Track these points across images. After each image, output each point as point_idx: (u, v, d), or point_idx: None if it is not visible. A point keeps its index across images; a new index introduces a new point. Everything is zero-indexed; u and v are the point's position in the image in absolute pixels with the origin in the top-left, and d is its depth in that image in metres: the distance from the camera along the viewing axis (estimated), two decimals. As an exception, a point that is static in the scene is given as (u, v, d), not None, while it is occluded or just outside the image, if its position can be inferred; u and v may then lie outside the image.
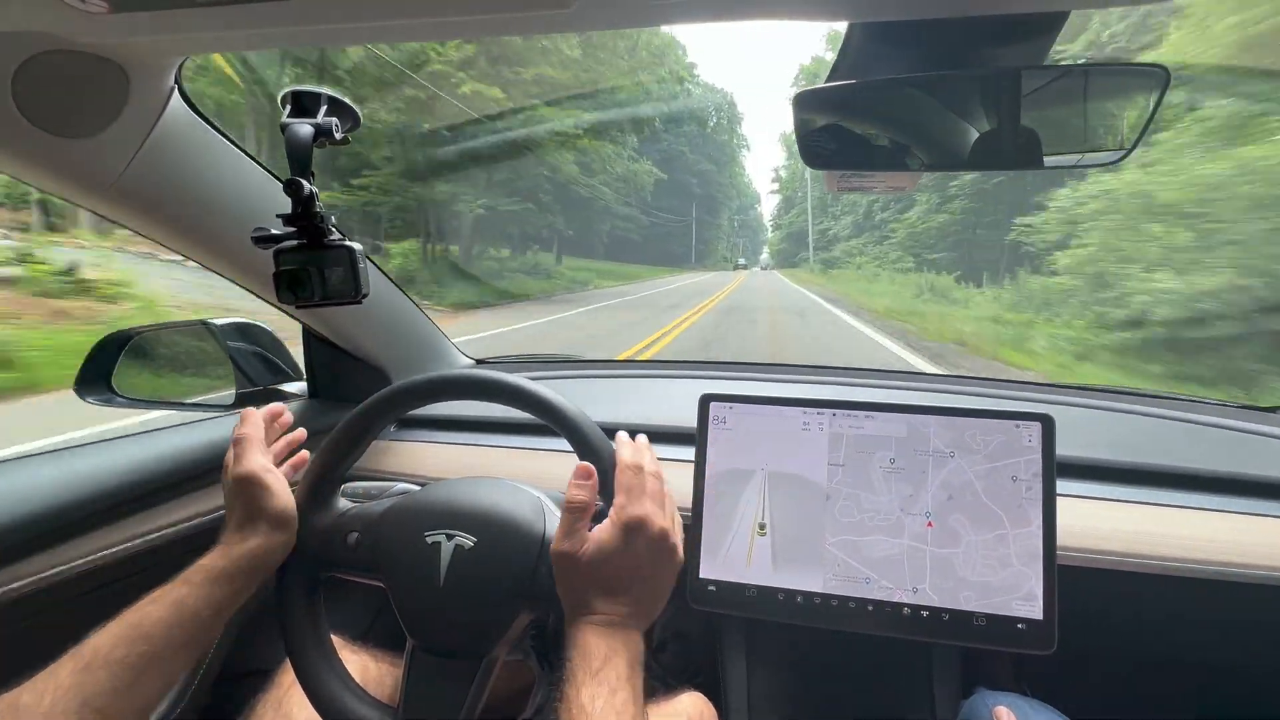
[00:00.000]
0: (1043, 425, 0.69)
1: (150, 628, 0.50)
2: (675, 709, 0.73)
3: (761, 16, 0.46)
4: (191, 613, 0.53)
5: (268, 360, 1.05)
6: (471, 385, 0.64)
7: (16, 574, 0.66)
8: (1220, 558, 0.71)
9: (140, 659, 0.49)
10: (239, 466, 0.61)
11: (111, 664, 0.48)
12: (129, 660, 0.48)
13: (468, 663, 0.58)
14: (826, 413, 0.75)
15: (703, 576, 0.75)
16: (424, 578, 0.58)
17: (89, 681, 0.46)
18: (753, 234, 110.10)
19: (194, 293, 7.57)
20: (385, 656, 0.78)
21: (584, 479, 0.53)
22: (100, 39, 0.51)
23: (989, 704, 0.74)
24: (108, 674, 0.47)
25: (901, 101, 0.58)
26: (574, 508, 0.52)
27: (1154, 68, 0.51)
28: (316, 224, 0.57)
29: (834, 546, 0.73)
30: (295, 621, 0.61)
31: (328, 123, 0.55)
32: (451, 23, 0.47)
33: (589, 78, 24.01)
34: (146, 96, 0.59)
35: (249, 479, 0.60)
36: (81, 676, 0.46)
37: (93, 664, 0.47)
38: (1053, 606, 0.67)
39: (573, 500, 0.53)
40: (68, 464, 0.74)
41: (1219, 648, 0.82)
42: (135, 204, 0.67)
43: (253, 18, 0.45)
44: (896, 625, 0.70)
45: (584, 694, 0.46)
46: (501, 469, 0.96)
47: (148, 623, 0.50)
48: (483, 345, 7.37)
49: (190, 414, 0.95)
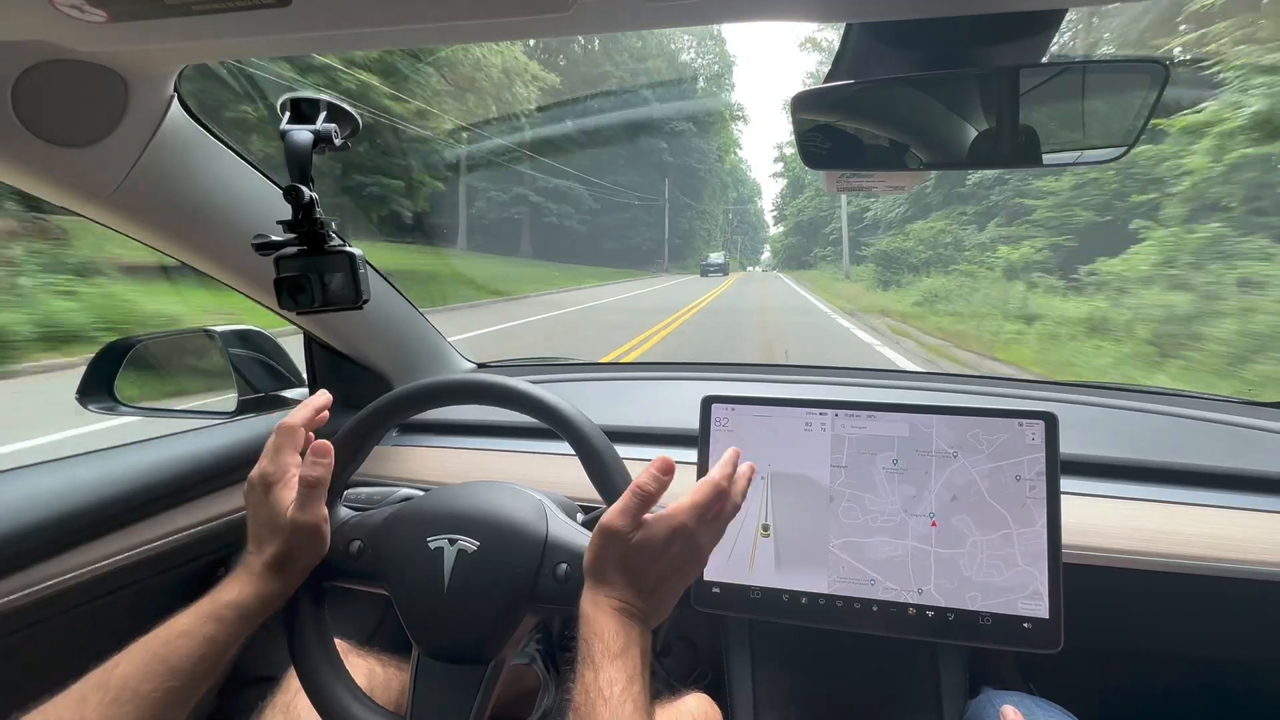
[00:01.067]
0: (1046, 423, 0.69)
1: (179, 663, 0.50)
2: (680, 710, 0.73)
3: (760, 18, 0.46)
4: (221, 649, 0.52)
5: (269, 367, 1.05)
6: (476, 390, 0.64)
7: (21, 582, 0.66)
8: (1225, 554, 0.70)
9: (166, 692, 0.49)
10: (304, 514, 0.56)
11: (139, 698, 0.47)
12: (156, 695, 0.48)
13: (474, 667, 0.58)
14: (829, 413, 0.75)
15: (707, 578, 0.75)
16: (428, 583, 0.58)
17: (117, 715, 0.46)
18: (752, 232, 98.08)
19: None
20: (392, 660, 0.77)
21: (663, 473, 0.53)
22: (99, 48, 0.51)
23: (995, 703, 0.74)
24: (135, 707, 0.47)
25: (900, 101, 0.58)
26: (642, 494, 0.52)
27: (1152, 63, 0.51)
28: (317, 230, 0.57)
29: (838, 548, 0.73)
30: (300, 632, 0.60)
31: (327, 129, 0.56)
32: (451, 27, 0.47)
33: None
34: (146, 105, 0.59)
35: (313, 533, 0.57)
36: (110, 709, 0.46)
37: (120, 697, 0.47)
38: (1059, 605, 0.66)
39: (643, 487, 0.52)
40: (71, 472, 0.74)
41: (1225, 644, 0.82)
42: (135, 212, 0.67)
43: (252, 25, 0.45)
44: (902, 626, 0.70)
45: (602, 677, 0.45)
46: (503, 472, 0.96)
47: (175, 658, 0.50)
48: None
49: (193, 422, 0.95)
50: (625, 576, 0.51)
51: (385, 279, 1.01)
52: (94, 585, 0.73)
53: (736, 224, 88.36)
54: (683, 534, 0.52)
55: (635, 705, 0.44)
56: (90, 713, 0.46)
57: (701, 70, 48.08)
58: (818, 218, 32.72)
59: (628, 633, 0.48)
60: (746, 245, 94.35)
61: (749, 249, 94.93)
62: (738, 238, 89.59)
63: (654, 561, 0.51)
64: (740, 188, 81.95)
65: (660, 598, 0.52)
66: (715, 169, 50.33)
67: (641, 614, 0.51)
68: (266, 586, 0.56)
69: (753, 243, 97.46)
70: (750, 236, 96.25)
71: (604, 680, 0.45)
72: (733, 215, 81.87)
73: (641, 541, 0.51)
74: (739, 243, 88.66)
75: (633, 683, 0.45)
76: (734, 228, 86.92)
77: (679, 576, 0.53)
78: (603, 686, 0.45)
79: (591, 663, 0.46)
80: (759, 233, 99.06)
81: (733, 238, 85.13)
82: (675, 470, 0.53)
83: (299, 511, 0.56)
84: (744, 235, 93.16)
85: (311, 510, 0.57)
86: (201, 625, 0.52)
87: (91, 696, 0.47)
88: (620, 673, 0.45)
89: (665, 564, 0.51)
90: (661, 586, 0.52)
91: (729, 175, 62.88)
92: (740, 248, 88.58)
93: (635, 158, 38.49)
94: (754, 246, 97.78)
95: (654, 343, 7.84)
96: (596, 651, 0.47)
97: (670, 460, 0.53)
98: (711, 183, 49.76)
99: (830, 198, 29.84)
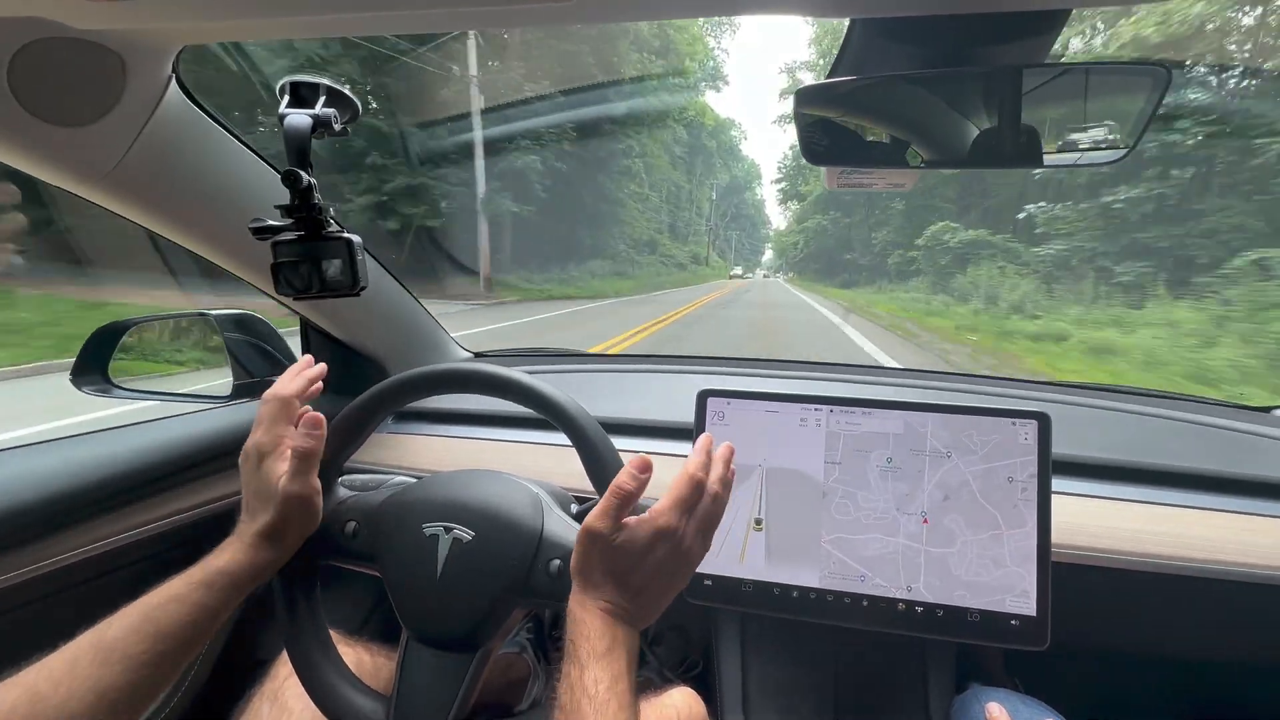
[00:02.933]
0: (1039, 423, 0.70)
1: (170, 627, 0.50)
2: (665, 704, 0.74)
3: (761, 11, 0.46)
4: (211, 615, 0.53)
5: (265, 352, 1.05)
6: (472, 379, 0.64)
7: (16, 562, 0.66)
8: (1213, 556, 0.71)
9: (156, 656, 0.49)
10: (295, 485, 0.58)
11: (129, 659, 0.48)
12: (145, 656, 0.49)
13: (462, 654, 0.58)
14: (824, 409, 0.75)
15: (699, 571, 0.75)
16: (421, 569, 0.59)
17: (106, 675, 0.47)
18: (750, 226, 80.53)
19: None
20: (381, 649, 0.78)
21: (640, 471, 0.52)
22: (97, 26, 0.51)
23: (982, 699, 0.75)
24: (124, 668, 0.47)
25: (903, 98, 0.58)
26: (621, 494, 0.52)
27: (1154, 66, 0.51)
28: (315, 216, 0.56)
29: (829, 544, 0.73)
30: (292, 611, 0.61)
31: (326, 114, 0.55)
32: (450, 14, 0.47)
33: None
34: (144, 85, 0.59)
35: (305, 503, 0.58)
36: (100, 670, 0.47)
37: (110, 659, 0.47)
38: (1046, 604, 0.67)
39: (622, 487, 0.52)
40: (69, 453, 0.74)
41: (1210, 645, 0.83)
42: (132, 193, 0.67)
43: (250, 6, 0.45)
44: (891, 621, 0.71)
45: (588, 676, 0.46)
46: (499, 462, 0.96)
47: (167, 622, 0.50)
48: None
49: (188, 405, 0.95)
50: (610, 578, 0.51)
51: (383, 266, 1.00)
52: (89, 566, 0.73)
53: (730, 219, 71.99)
54: (667, 535, 0.51)
55: (620, 703, 0.45)
56: (81, 671, 0.46)
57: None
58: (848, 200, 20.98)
59: (614, 633, 0.49)
60: (744, 245, 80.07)
61: (748, 250, 79.92)
62: (733, 232, 74.15)
63: (639, 564, 0.51)
64: (731, 161, 63.77)
65: (647, 599, 0.52)
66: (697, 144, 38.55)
67: (628, 615, 0.51)
68: (258, 555, 0.56)
69: (752, 240, 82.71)
70: (749, 233, 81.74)
71: (589, 679, 0.45)
72: (722, 207, 65.11)
73: (625, 543, 0.51)
74: (734, 240, 74.63)
75: (618, 681, 0.46)
76: (727, 221, 69.45)
77: (666, 580, 0.53)
78: (588, 685, 0.45)
79: (578, 661, 0.47)
80: (758, 228, 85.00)
81: (726, 232, 69.12)
82: (653, 467, 0.53)
83: (291, 482, 0.57)
84: (741, 230, 78.09)
85: (303, 481, 0.58)
86: (193, 591, 0.53)
87: (83, 657, 0.47)
88: (605, 672, 0.46)
89: (650, 566, 0.51)
90: (648, 588, 0.52)
91: (715, 144, 47.98)
92: (735, 247, 73.92)
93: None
94: (754, 245, 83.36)
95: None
96: (583, 651, 0.47)
97: (648, 459, 0.53)
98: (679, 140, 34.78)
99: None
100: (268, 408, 0.61)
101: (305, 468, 0.58)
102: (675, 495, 0.52)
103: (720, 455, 0.56)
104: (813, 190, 29.78)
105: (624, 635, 0.49)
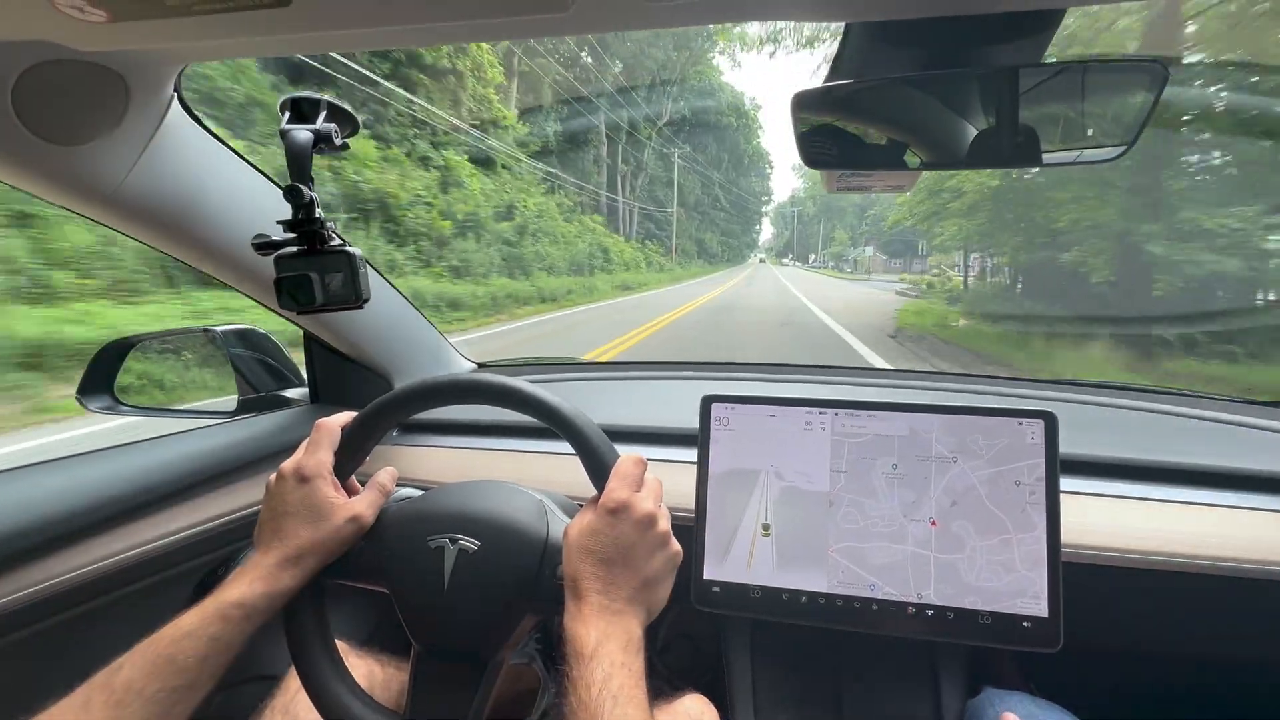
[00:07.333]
0: (1045, 422, 0.69)
1: (185, 663, 0.50)
2: (677, 711, 0.73)
3: (760, 18, 0.46)
4: (226, 648, 0.52)
5: (270, 366, 1.06)
6: (475, 390, 0.64)
7: (23, 581, 0.66)
8: (1225, 553, 0.70)
9: (170, 693, 0.49)
10: (369, 512, 0.61)
11: (144, 699, 0.47)
12: (160, 695, 0.48)
13: (473, 666, 0.58)
14: (829, 412, 0.75)
15: (707, 578, 0.75)
16: (428, 582, 0.58)
17: (121, 717, 0.46)
18: (746, 216, 65.99)
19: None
20: (391, 661, 0.78)
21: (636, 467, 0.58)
22: (100, 48, 0.51)
23: (995, 703, 0.74)
24: (139, 709, 0.47)
25: (900, 100, 0.58)
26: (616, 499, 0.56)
27: (1152, 63, 0.51)
28: (317, 230, 0.57)
29: (837, 553, 0.73)
30: (300, 629, 0.61)
31: (327, 129, 0.56)
32: (449, 28, 0.47)
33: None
34: (146, 105, 0.59)
35: (360, 530, 0.60)
36: (114, 711, 0.46)
37: (125, 699, 0.47)
38: (1058, 605, 0.66)
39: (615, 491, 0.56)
40: (74, 471, 0.74)
41: (1225, 643, 0.82)
42: (135, 212, 0.67)
43: (252, 25, 0.45)
44: (902, 625, 0.70)
45: (579, 685, 0.47)
46: (503, 472, 0.96)
47: (182, 657, 0.50)
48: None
49: (193, 421, 0.95)
50: (586, 570, 0.53)
51: (385, 279, 1.01)
52: (95, 585, 0.73)
53: (728, 205, 57.17)
54: (619, 509, 0.55)
55: (615, 698, 0.46)
56: (95, 714, 0.46)
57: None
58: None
59: (600, 630, 0.50)
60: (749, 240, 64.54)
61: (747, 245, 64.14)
62: (728, 221, 58.24)
63: (606, 544, 0.54)
64: (737, 116, 50.78)
65: (635, 582, 0.54)
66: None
67: (622, 607, 0.52)
68: (275, 584, 0.55)
69: (746, 230, 66.16)
70: (744, 221, 65.81)
71: (581, 687, 0.47)
72: (724, 191, 51.30)
73: (585, 528, 0.55)
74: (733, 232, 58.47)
75: (610, 679, 0.47)
76: (726, 212, 54.89)
77: (648, 554, 0.55)
78: (582, 694, 0.47)
79: (570, 675, 0.49)
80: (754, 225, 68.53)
81: (724, 226, 54.44)
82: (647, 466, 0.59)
83: (367, 508, 0.60)
84: (739, 224, 62.16)
85: (374, 511, 0.61)
86: (207, 625, 0.52)
87: (96, 698, 0.46)
88: (595, 673, 0.47)
89: (622, 542, 0.54)
90: (629, 570, 0.54)
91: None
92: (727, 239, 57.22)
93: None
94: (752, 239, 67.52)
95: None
96: (572, 662, 0.49)
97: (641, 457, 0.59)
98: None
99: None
100: (314, 434, 0.62)
101: (379, 501, 0.62)
102: (619, 473, 0.57)
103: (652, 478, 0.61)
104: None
105: (614, 627, 0.51)
